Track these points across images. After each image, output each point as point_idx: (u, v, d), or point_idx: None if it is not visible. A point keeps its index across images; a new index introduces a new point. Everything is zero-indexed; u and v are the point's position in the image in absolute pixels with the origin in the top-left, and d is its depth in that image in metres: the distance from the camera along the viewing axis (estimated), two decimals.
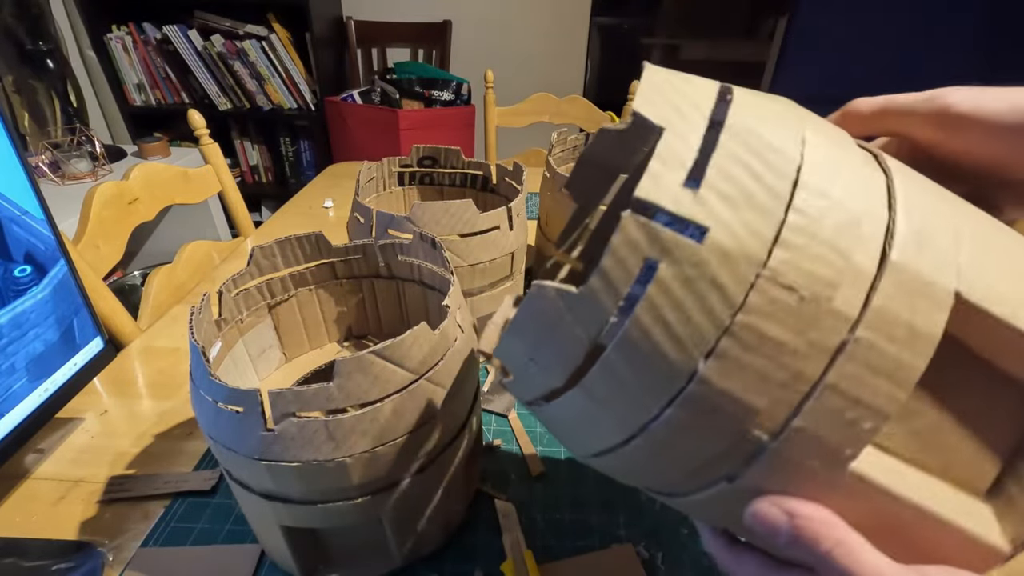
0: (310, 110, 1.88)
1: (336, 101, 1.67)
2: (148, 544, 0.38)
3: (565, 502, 0.42)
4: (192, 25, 1.75)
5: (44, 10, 1.50)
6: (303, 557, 0.35)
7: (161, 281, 0.75)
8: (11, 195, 0.41)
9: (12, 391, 0.41)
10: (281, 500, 0.31)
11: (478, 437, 0.43)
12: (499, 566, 0.37)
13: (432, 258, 0.45)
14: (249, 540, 0.39)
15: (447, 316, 0.34)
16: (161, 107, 1.89)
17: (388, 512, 0.33)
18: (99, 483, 0.43)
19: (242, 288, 0.43)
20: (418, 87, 1.65)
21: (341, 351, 0.52)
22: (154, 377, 0.56)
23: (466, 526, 0.40)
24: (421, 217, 0.49)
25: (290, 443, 0.28)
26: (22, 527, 0.40)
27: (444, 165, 0.68)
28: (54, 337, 0.45)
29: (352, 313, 0.52)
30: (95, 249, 0.68)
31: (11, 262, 0.41)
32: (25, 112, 1.49)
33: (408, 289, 0.50)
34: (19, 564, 0.36)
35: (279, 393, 0.27)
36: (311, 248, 0.46)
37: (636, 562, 0.38)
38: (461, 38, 1.92)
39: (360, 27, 1.87)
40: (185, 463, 0.45)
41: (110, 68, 1.80)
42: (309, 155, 2.05)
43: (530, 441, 0.48)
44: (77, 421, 0.50)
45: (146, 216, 0.78)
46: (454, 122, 1.66)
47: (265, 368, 0.48)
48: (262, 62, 1.78)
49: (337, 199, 1.03)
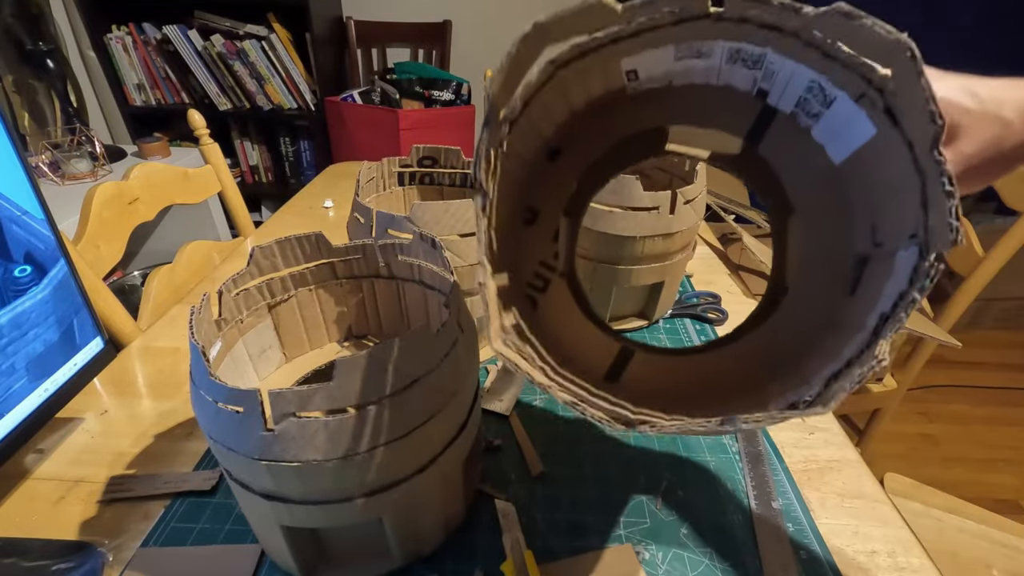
0: (310, 110, 1.88)
1: (336, 101, 1.67)
2: (148, 544, 0.38)
3: (565, 502, 0.42)
4: (192, 25, 1.75)
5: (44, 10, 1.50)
6: (303, 557, 0.35)
7: (161, 281, 0.75)
8: (11, 195, 0.41)
9: (12, 391, 0.41)
10: (281, 500, 0.31)
11: (478, 437, 0.43)
12: (499, 566, 0.37)
13: (432, 258, 0.45)
14: (249, 540, 0.39)
15: (447, 316, 0.34)
16: (161, 107, 1.89)
17: (388, 512, 0.33)
18: (99, 483, 0.43)
19: (242, 288, 0.43)
20: (418, 87, 1.65)
21: (341, 351, 0.52)
22: (154, 377, 0.56)
23: (466, 526, 0.40)
24: (421, 217, 0.49)
25: (290, 443, 0.28)
26: (22, 527, 0.40)
27: (444, 165, 0.68)
28: (54, 337, 0.45)
29: (352, 313, 0.52)
30: (95, 249, 0.68)
31: (11, 262, 0.41)
32: (25, 112, 1.49)
33: (408, 289, 0.50)
34: (19, 564, 0.36)
35: (279, 393, 0.27)
36: (311, 248, 0.46)
37: (636, 562, 0.38)
38: (461, 38, 1.92)
39: (360, 27, 1.87)
40: (185, 463, 0.45)
41: (110, 68, 1.80)
42: (309, 155, 2.05)
43: (530, 441, 0.48)
44: (77, 421, 0.50)
45: (146, 216, 0.78)
46: (454, 122, 1.66)
47: (265, 368, 0.48)
48: (262, 62, 1.78)
49: (337, 199, 1.03)
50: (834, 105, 0.30)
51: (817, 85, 0.30)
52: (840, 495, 0.44)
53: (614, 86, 0.33)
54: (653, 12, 0.28)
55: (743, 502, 0.43)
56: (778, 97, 0.32)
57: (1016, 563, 0.70)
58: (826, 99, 0.30)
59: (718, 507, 0.42)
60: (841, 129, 0.30)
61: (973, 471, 1.37)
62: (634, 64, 0.32)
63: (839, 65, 0.27)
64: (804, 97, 0.31)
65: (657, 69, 0.32)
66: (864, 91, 0.27)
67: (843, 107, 0.29)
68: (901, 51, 0.23)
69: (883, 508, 0.43)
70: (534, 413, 0.51)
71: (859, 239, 0.30)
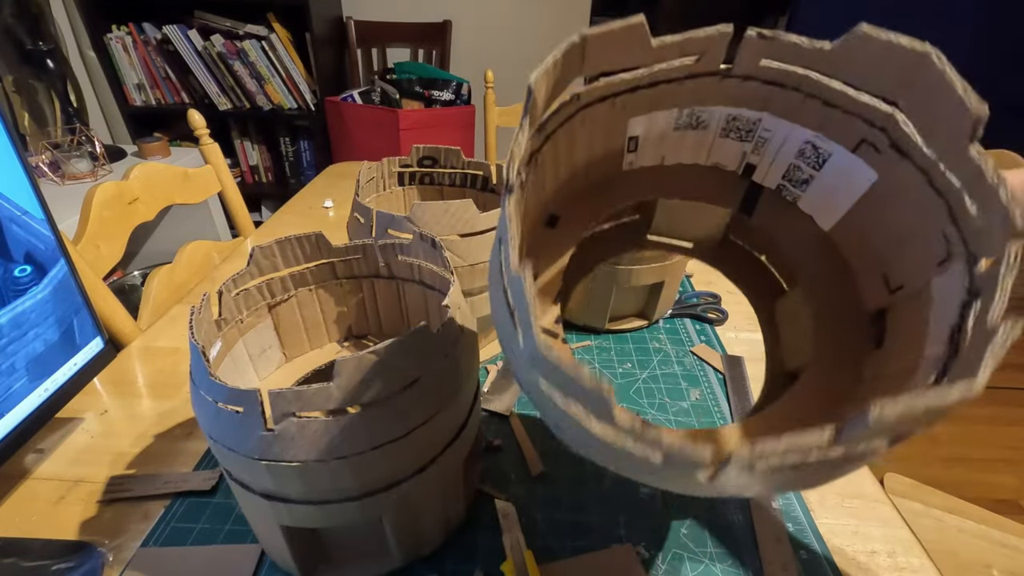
0: (310, 110, 1.88)
1: (336, 101, 1.67)
2: (148, 544, 0.38)
3: (565, 502, 0.42)
4: (192, 25, 1.75)
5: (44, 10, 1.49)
6: (303, 557, 0.35)
7: (161, 281, 0.75)
8: (11, 195, 0.41)
9: (12, 391, 0.41)
10: (281, 500, 0.31)
11: (478, 437, 0.43)
12: (499, 566, 0.37)
13: (432, 258, 0.45)
14: (249, 540, 0.39)
15: (447, 316, 0.34)
16: (161, 107, 1.89)
17: (388, 512, 0.33)
18: (99, 483, 0.43)
19: (242, 288, 0.43)
20: (418, 87, 1.65)
21: (341, 351, 0.52)
22: (154, 377, 0.56)
23: (466, 526, 0.40)
24: (421, 217, 0.49)
25: (290, 443, 0.28)
26: (22, 527, 0.40)
27: (444, 165, 0.68)
28: (54, 337, 0.45)
29: (352, 313, 0.52)
30: (95, 249, 0.68)
31: (11, 262, 0.41)
32: (25, 112, 1.49)
33: (408, 289, 0.50)
34: (19, 564, 0.36)
35: (279, 393, 0.27)
36: (311, 248, 0.46)
37: (636, 562, 0.38)
38: (461, 38, 1.92)
39: (360, 27, 1.86)
40: (185, 463, 0.45)
41: (110, 68, 1.80)
42: (309, 155, 2.05)
43: (530, 441, 0.48)
44: (77, 421, 0.50)
45: (146, 216, 0.78)
46: (454, 122, 1.66)
47: (265, 368, 0.48)
48: (262, 62, 1.78)
49: (337, 199, 1.03)
50: (827, 164, 0.30)
51: (810, 146, 0.31)
52: (840, 495, 0.44)
53: (614, 148, 0.34)
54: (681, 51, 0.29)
55: (743, 502, 0.43)
56: (764, 173, 0.34)
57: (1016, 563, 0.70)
58: (819, 159, 0.31)
59: (718, 507, 0.42)
60: (833, 190, 0.31)
61: (973, 471, 1.37)
62: (638, 127, 0.33)
63: (839, 112, 0.28)
64: (794, 164, 0.32)
65: (654, 132, 0.34)
66: (864, 136, 0.28)
67: (839, 162, 0.30)
68: (925, 59, 0.23)
69: (883, 508, 0.43)
70: (534, 413, 0.51)
71: (869, 295, 0.31)
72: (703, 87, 0.31)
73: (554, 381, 0.20)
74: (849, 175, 0.30)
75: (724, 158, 0.35)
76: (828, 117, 0.29)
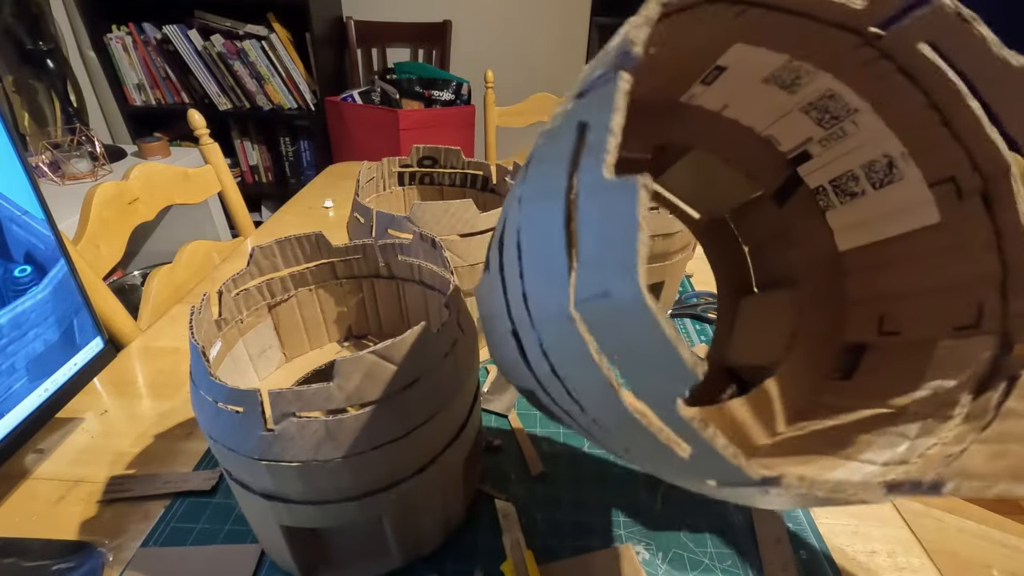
0: (310, 110, 1.88)
1: (336, 101, 1.67)
2: (148, 544, 0.38)
3: (565, 502, 0.42)
4: (192, 25, 1.75)
5: (44, 10, 1.49)
6: (303, 557, 0.35)
7: (161, 281, 0.75)
8: (11, 195, 0.41)
9: (12, 391, 0.41)
10: (281, 500, 0.31)
11: (478, 437, 0.43)
12: (499, 566, 0.37)
13: (432, 258, 0.45)
14: (249, 540, 0.39)
15: (447, 316, 0.34)
16: (161, 107, 1.89)
17: (388, 512, 0.33)
18: (99, 483, 0.43)
19: (242, 288, 0.43)
20: (418, 87, 1.65)
21: (341, 351, 0.52)
22: (154, 377, 0.56)
23: (466, 526, 0.40)
24: (421, 217, 0.49)
25: (290, 443, 0.28)
26: (22, 527, 0.40)
27: (444, 165, 0.68)
28: (54, 337, 0.45)
29: (352, 313, 0.52)
30: (95, 249, 0.68)
31: (11, 262, 0.41)
32: (25, 112, 1.49)
33: (408, 289, 0.50)
34: (19, 564, 0.36)
35: (279, 393, 0.27)
36: (311, 248, 0.46)
37: (636, 562, 0.38)
38: (461, 38, 1.92)
39: (360, 27, 1.87)
40: (185, 463, 0.45)
41: (110, 68, 1.80)
42: (309, 155, 2.05)
43: (530, 441, 0.48)
44: (77, 421, 0.50)
45: (146, 216, 0.78)
46: (454, 122, 1.66)
47: (265, 368, 0.48)
48: (262, 62, 1.78)
49: (337, 199, 1.03)
50: (892, 187, 0.26)
51: (887, 161, 0.26)
52: None
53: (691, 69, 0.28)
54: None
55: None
56: (815, 167, 0.30)
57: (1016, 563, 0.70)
58: (886, 178, 0.26)
59: (718, 507, 0.42)
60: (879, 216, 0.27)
61: None
62: (734, 58, 0.27)
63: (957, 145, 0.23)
64: (853, 173, 0.28)
65: (743, 72, 0.28)
66: (954, 175, 0.23)
67: (906, 190, 0.26)
68: None
69: (883, 508, 0.43)
70: (534, 413, 0.51)
71: (854, 328, 0.29)
72: (836, 42, 0.24)
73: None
74: (907, 207, 0.26)
75: (785, 134, 0.30)
76: (932, 139, 0.24)
